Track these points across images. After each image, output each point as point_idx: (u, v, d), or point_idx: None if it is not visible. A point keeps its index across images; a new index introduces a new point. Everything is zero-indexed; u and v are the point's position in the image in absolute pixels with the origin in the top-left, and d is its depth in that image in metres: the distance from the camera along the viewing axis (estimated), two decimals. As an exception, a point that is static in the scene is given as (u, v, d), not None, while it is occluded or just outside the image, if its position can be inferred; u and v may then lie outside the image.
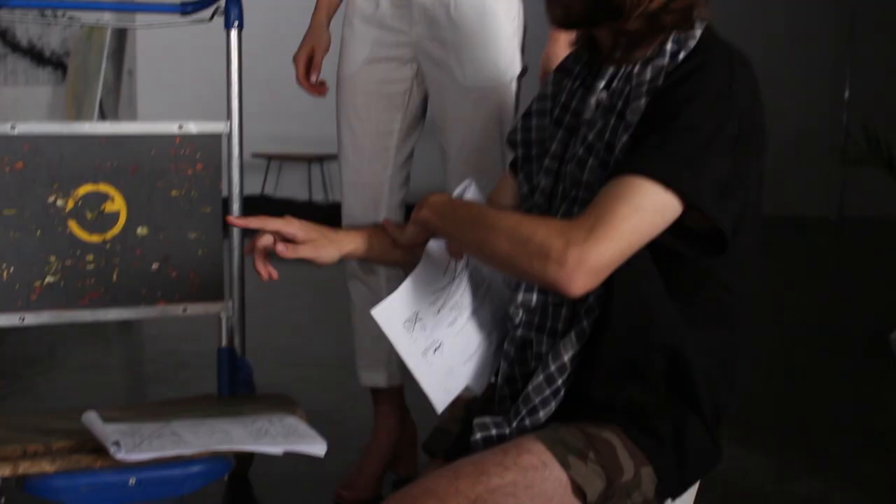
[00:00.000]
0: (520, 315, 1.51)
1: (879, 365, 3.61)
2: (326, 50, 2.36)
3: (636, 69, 1.47)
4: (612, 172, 1.38)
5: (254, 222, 1.60)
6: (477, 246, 1.44)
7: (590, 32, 1.54)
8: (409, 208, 2.37)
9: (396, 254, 1.65)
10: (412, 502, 1.34)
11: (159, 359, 3.68)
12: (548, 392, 1.46)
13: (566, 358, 1.45)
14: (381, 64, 2.25)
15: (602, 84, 1.50)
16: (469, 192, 1.59)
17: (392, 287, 2.31)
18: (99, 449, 1.53)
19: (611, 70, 1.50)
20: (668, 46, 1.46)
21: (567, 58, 1.65)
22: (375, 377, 2.38)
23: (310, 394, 2.20)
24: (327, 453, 1.65)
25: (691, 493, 1.68)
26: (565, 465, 1.38)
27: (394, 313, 1.46)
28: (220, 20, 2.35)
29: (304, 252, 1.59)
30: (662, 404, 1.46)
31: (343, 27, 2.31)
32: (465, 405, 1.73)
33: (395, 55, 2.24)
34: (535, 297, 1.50)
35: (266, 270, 1.58)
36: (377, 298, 2.32)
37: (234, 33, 2.31)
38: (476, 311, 1.55)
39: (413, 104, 2.28)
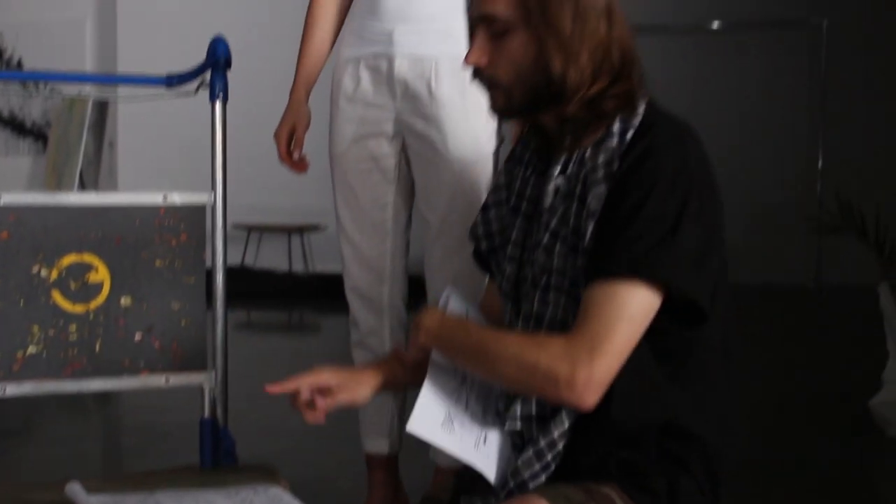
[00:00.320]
0: (517, 424, 1.53)
1: (862, 431, 3.61)
2: (307, 126, 2.39)
3: (588, 153, 1.52)
4: (592, 272, 1.44)
5: (290, 385, 1.67)
6: (484, 374, 1.52)
7: (534, 120, 1.58)
8: (411, 278, 2.40)
9: (418, 374, 1.63)
10: None
11: (139, 430, 3.65)
12: (537, 467, 1.48)
13: (556, 434, 1.48)
14: (369, 140, 2.29)
15: (557, 170, 1.55)
16: (451, 302, 1.64)
17: (392, 347, 2.34)
18: (82, 521, 1.52)
19: (564, 157, 1.55)
20: (615, 127, 1.51)
21: (515, 147, 1.70)
22: (379, 444, 2.39)
23: (292, 465, 2.19)
24: (311, 526, 1.65)
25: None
26: None
27: (427, 421, 1.51)
28: (203, 92, 2.38)
29: (342, 399, 1.63)
30: (655, 465, 1.49)
31: (330, 106, 2.36)
32: (457, 474, 1.74)
33: (381, 131, 2.28)
34: (533, 406, 1.53)
35: (316, 417, 1.64)
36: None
37: (218, 105, 2.34)
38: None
39: (404, 176, 2.32)
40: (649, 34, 7.37)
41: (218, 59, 2.32)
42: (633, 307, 1.41)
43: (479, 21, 1.52)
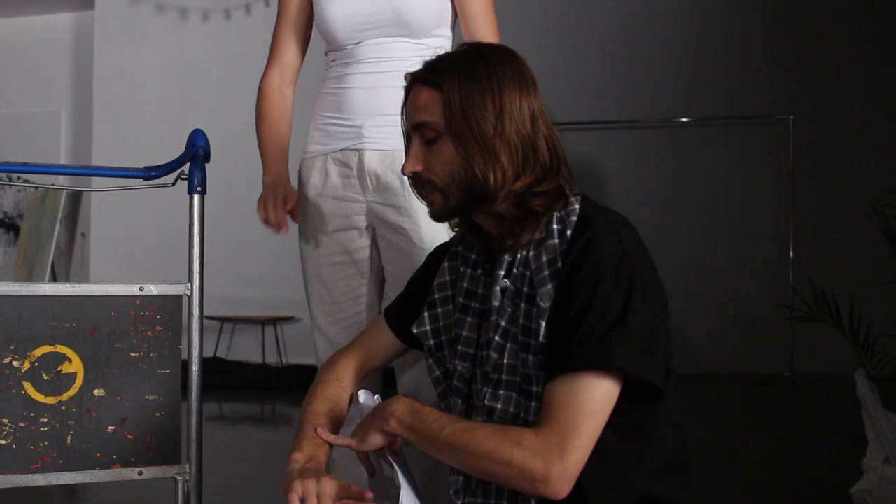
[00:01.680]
0: (462, 501, 1.60)
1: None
2: (296, 196, 2.33)
3: (531, 253, 1.59)
4: (552, 369, 1.49)
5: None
6: (455, 464, 1.55)
7: (471, 221, 1.65)
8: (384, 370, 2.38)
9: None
10: None
11: (109, 526, 3.56)
12: None
13: None
14: (341, 234, 2.30)
15: (503, 272, 1.61)
16: (363, 397, 1.72)
17: None
18: None
19: (507, 258, 1.62)
20: (554, 226, 1.59)
21: (457, 246, 1.74)
22: None
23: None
24: None
25: None
26: None
27: None
28: (178, 185, 2.39)
29: None
30: None
31: (298, 201, 2.36)
32: None
33: (353, 224, 2.29)
34: (473, 480, 1.58)
35: None
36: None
37: (196, 198, 2.34)
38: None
39: (376, 267, 2.32)
40: (619, 127, 7.52)
41: (197, 152, 2.34)
42: (595, 400, 1.47)
43: (413, 130, 1.62)
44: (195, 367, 2.29)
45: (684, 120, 7.71)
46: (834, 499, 3.83)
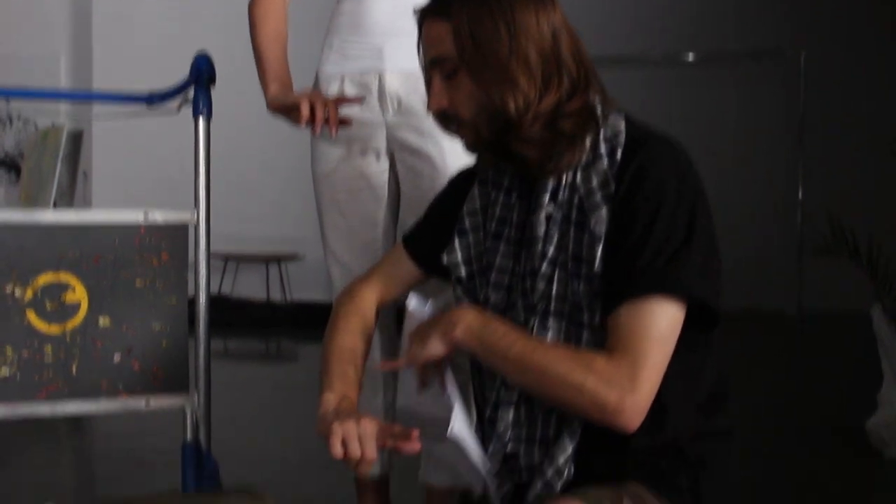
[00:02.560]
0: (509, 433, 1.53)
1: (858, 453, 3.58)
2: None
3: (578, 178, 1.52)
4: (617, 296, 1.44)
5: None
6: (521, 382, 1.49)
7: (508, 148, 1.56)
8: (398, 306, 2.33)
9: None
10: None
11: (115, 456, 3.55)
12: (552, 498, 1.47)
13: (561, 460, 1.48)
14: (359, 159, 2.22)
15: (546, 198, 1.53)
16: (420, 306, 1.64)
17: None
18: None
19: (551, 183, 1.53)
20: (602, 149, 1.51)
21: (486, 171, 1.66)
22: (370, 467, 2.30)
23: (278, 492, 2.11)
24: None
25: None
26: None
27: (464, 425, 1.50)
28: (181, 120, 2.31)
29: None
30: (673, 465, 1.49)
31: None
32: (460, 495, 1.71)
33: (371, 148, 2.21)
34: (521, 410, 1.52)
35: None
36: (374, 381, 2.26)
37: (202, 122, 2.27)
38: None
39: (392, 192, 2.25)
40: (625, 66, 7.39)
41: (201, 75, 2.26)
42: (662, 326, 1.42)
43: (432, 66, 1.55)
44: (202, 295, 2.23)
45: (690, 58, 7.58)
46: (848, 434, 3.81)
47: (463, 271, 1.63)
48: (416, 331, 1.56)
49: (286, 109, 2.10)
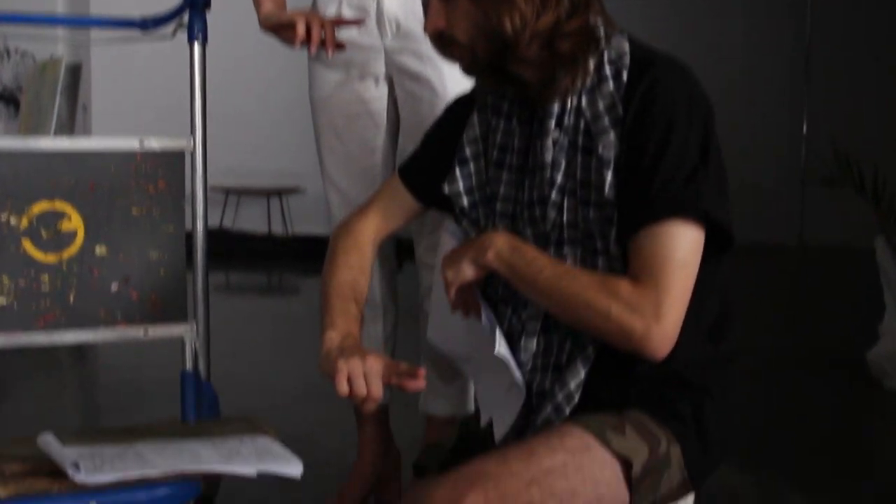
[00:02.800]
0: (530, 363, 1.52)
1: (858, 384, 3.59)
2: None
3: (584, 101, 1.48)
4: (634, 221, 1.41)
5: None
6: (547, 307, 1.48)
7: (504, 71, 1.52)
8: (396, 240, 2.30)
9: None
10: (468, 485, 1.31)
11: (116, 387, 3.56)
12: (557, 421, 1.48)
13: (572, 386, 1.48)
14: (358, 83, 2.18)
15: (552, 123, 1.50)
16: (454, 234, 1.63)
17: (382, 293, 2.25)
18: (56, 472, 1.43)
19: (556, 108, 1.49)
20: (607, 71, 1.48)
21: (485, 97, 1.62)
22: None
23: (278, 423, 2.11)
24: (298, 481, 1.57)
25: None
26: (606, 440, 1.40)
27: (505, 344, 1.49)
28: (180, 53, 2.26)
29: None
30: (677, 392, 1.49)
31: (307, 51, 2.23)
32: (461, 423, 1.71)
33: (370, 72, 2.17)
34: (540, 339, 1.52)
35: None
36: (374, 310, 2.25)
37: (197, 47, 2.22)
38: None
39: (391, 118, 2.22)
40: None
41: (196, -1, 2.21)
42: (684, 248, 1.40)
43: None
44: (200, 223, 2.21)
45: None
46: (849, 364, 3.82)
47: (465, 201, 1.61)
48: (449, 256, 1.55)
49: (280, 28, 2.05)
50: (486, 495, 1.29)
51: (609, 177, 1.43)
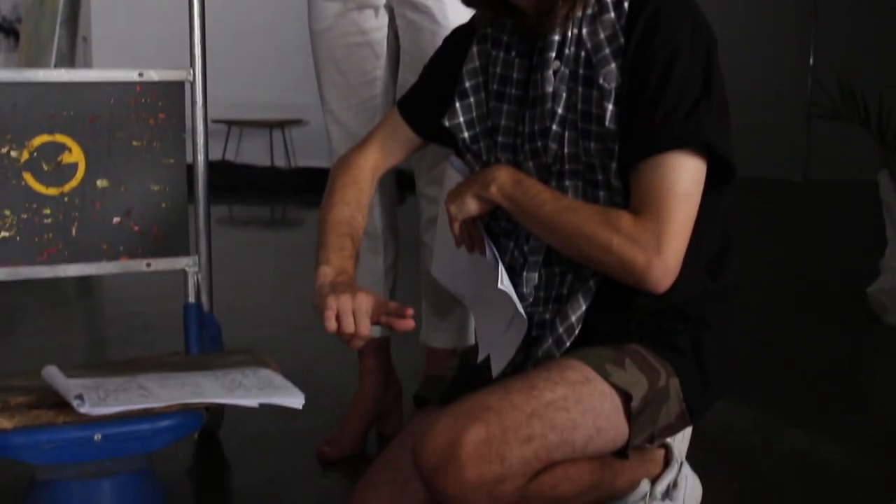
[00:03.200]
0: (532, 295, 1.53)
1: (857, 319, 3.60)
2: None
3: (584, 31, 1.45)
4: (636, 152, 1.40)
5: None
6: (550, 241, 1.48)
7: (505, 2, 1.50)
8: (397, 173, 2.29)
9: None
10: (469, 418, 1.32)
11: (121, 321, 3.58)
12: (557, 354, 1.49)
13: (573, 318, 1.48)
14: (357, 14, 2.15)
15: (553, 54, 1.47)
16: (461, 167, 1.62)
17: (383, 226, 2.24)
18: (61, 404, 1.44)
19: (556, 39, 1.47)
20: None
21: (485, 28, 1.60)
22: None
23: (280, 354, 2.13)
24: (300, 412, 1.58)
25: (686, 438, 1.65)
26: (605, 374, 1.41)
27: (508, 280, 1.49)
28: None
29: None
30: (676, 325, 1.49)
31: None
32: (461, 355, 1.72)
33: (369, 3, 2.14)
34: (542, 271, 1.52)
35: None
36: (375, 242, 2.26)
37: (196, -24, 2.20)
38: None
39: (391, 49, 2.19)
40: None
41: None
42: (686, 180, 1.39)
43: None
44: (200, 156, 2.21)
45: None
46: (849, 299, 3.82)
47: (466, 134, 1.59)
48: (452, 191, 1.55)
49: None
50: (487, 428, 1.31)
51: (610, 108, 1.42)
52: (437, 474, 1.31)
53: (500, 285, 1.46)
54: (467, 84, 1.59)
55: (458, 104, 1.59)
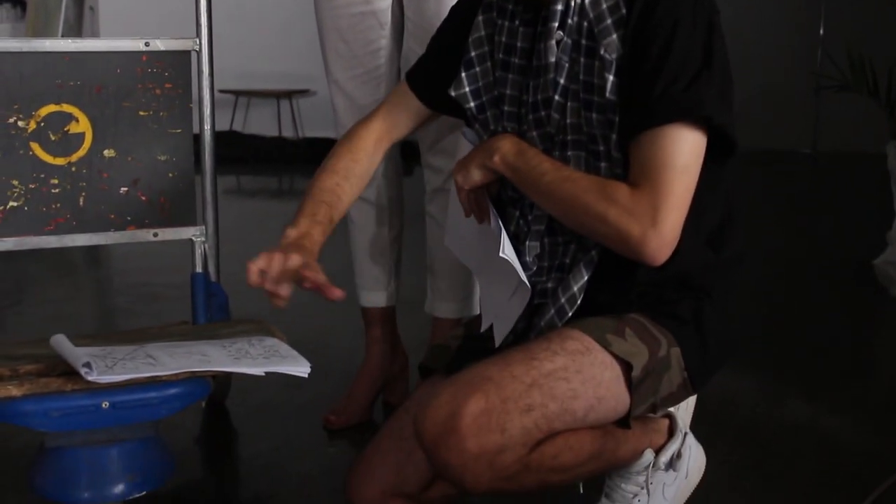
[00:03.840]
0: (535, 265, 1.54)
1: (863, 291, 3.60)
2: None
3: (586, 1, 1.45)
4: (636, 124, 1.39)
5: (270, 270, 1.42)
6: (550, 210, 1.49)
7: None
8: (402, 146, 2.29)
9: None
10: (469, 390, 1.33)
11: (129, 291, 3.60)
12: (559, 323, 1.49)
13: (576, 288, 1.49)
14: None
15: (556, 24, 1.47)
16: (472, 137, 1.62)
17: (389, 196, 2.25)
18: (69, 372, 1.45)
19: (560, 8, 1.47)
20: None
21: None
22: (376, 297, 2.34)
23: (287, 324, 2.14)
24: (306, 381, 1.60)
25: (690, 409, 1.66)
26: (605, 343, 1.42)
27: (510, 248, 1.50)
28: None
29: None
30: (677, 294, 1.50)
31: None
32: (465, 324, 1.72)
33: None
34: (545, 241, 1.53)
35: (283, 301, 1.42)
36: (380, 213, 2.27)
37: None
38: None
39: (396, 17, 2.19)
40: None
41: None
42: (685, 153, 1.38)
43: None
44: (207, 126, 2.21)
45: None
46: (856, 270, 3.82)
47: (473, 104, 1.59)
48: (460, 161, 1.56)
49: None
50: (486, 399, 1.31)
51: (611, 79, 1.42)
52: (438, 446, 1.32)
53: (501, 253, 1.47)
54: (473, 54, 1.59)
55: (463, 74, 1.59)
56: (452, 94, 1.60)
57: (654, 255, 1.39)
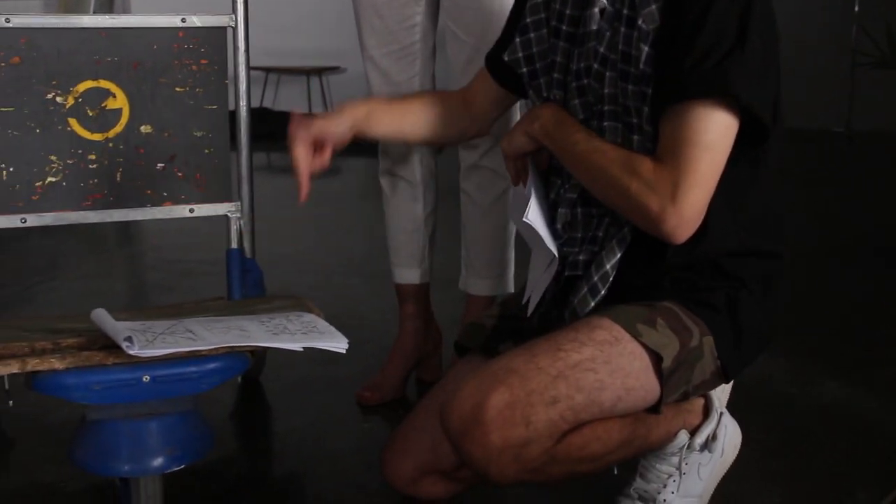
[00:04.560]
0: (566, 234, 1.54)
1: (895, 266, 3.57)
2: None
3: None
4: (665, 98, 1.38)
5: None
6: (581, 180, 1.49)
7: None
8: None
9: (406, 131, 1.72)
10: (495, 381, 1.33)
11: (163, 267, 3.63)
12: (592, 304, 1.49)
13: (608, 266, 1.48)
14: None
15: None
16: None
17: (423, 173, 2.26)
18: (110, 346, 1.47)
19: None
20: None
21: None
22: (409, 274, 2.34)
23: (321, 300, 2.15)
24: (340, 358, 1.60)
25: (727, 391, 1.65)
26: (636, 334, 1.40)
27: (538, 215, 1.51)
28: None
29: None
30: (711, 281, 1.48)
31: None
32: (501, 303, 1.72)
33: None
34: (578, 210, 1.53)
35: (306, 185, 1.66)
36: (414, 190, 2.27)
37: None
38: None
39: None
40: None
41: None
42: (710, 131, 1.36)
43: None
44: (243, 102, 2.22)
45: None
46: (889, 252, 3.78)
47: (525, 70, 1.60)
48: (510, 130, 1.58)
49: None
50: (511, 392, 1.31)
51: (646, 50, 1.40)
52: (464, 438, 1.32)
53: (524, 218, 1.47)
54: (529, 20, 1.60)
55: (518, 39, 1.60)
56: (506, 58, 1.61)
57: (672, 232, 1.38)
